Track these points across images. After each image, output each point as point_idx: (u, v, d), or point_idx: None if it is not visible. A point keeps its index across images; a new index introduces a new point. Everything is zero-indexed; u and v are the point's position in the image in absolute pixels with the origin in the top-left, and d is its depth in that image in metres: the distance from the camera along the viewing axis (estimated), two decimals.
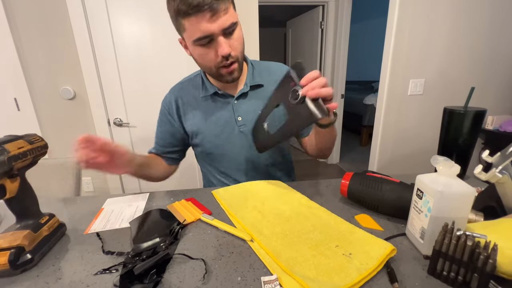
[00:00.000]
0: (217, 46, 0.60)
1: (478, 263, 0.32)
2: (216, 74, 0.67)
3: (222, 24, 0.58)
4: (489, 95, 1.83)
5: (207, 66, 0.65)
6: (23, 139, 0.43)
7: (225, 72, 0.65)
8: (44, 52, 1.54)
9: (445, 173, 0.39)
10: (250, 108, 0.74)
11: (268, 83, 0.75)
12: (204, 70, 0.73)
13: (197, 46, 0.61)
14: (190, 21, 0.57)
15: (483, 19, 1.66)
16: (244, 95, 0.74)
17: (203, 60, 0.64)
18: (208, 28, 0.57)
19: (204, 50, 0.61)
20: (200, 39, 0.58)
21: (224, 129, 0.74)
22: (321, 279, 0.36)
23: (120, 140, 1.75)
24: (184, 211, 0.56)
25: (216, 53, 0.61)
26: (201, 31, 0.57)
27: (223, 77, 0.67)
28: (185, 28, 0.59)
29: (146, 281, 0.37)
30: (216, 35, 0.58)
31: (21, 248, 0.40)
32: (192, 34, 0.59)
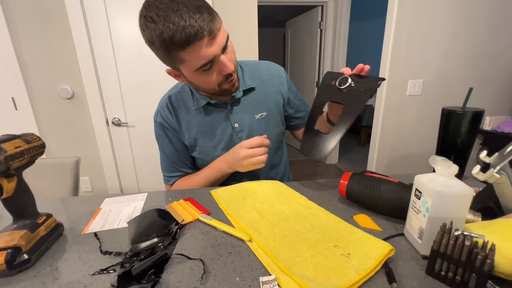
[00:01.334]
0: (220, 66, 0.58)
1: (476, 263, 0.32)
2: (219, 92, 0.64)
3: (221, 44, 0.55)
4: (487, 96, 1.84)
5: (211, 88, 0.63)
6: (20, 138, 0.43)
7: (229, 86, 0.64)
8: (42, 51, 1.53)
9: (443, 173, 0.40)
10: (245, 113, 0.73)
11: (259, 85, 0.74)
12: (206, 92, 0.68)
13: (199, 74, 0.58)
14: (188, 52, 0.52)
15: (481, 21, 1.67)
16: (237, 101, 0.73)
17: (207, 84, 0.62)
18: (210, 52, 0.54)
19: (207, 75, 0.59)
20: (204, 65, 0.55)
21: (221, 139, 0.73)
22: (320, 279, 0.36)
23: (119, 140, 1.75)
24: (182, 211, 0.56)
25: (219, 73, 0.59)
26: (204, 58, 0.54)
27: (227, 91, 0.65)
28: (183, 60, 0.55)
29: (144, 281, 0.37)
30: (218, 56, 0.56)
31: (18, 248, 0.40)
32: (193, 64, 0.55)
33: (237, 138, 0.73)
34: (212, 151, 0.74)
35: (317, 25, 2.73)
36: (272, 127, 0.77)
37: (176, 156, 0.76)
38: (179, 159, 0.76)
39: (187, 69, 0.57)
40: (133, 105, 1.70)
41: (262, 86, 0.75)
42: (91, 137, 1.72)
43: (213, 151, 0.74)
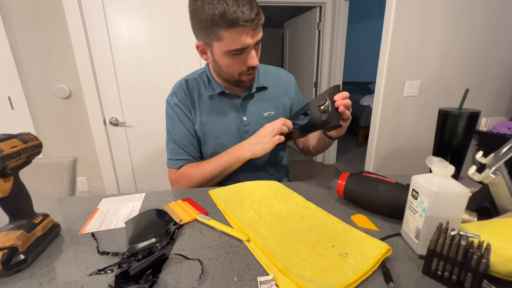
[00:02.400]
0: (247, 57, 0.63)
1: (471, 262, 0.32)
2: (236, 81, 0.69)
3: (257, 38, 0.61)
4: (483, 97, 1.85)
5: (231, 74, 0.67)
6: (16, 138, 0.42)
7: (247, 79, 0.69)
8: (39, 50, 1.52)
9: (440, 173, 0.40)
10: (255, 108, 0.77)
11: (270, 85, 0.79)
12: (224, 77, 0.71)
13: (228, 56, 0.62)
14: (231, 32, 0.57)
15: (478, 22, 1.68)
16: (250, 96, 0.77)
17: (230, 69, 0.66)
18: (248, 41, 0.59)
19: (234, 60, 0.63)
20: (236, 50, 0.60)
21: (229, 128, 0.75)
22: (317, 279, 0.36)
23: (116, 140, 1.74)
24: (180, 211, 0.55)
25: (244, 63, 0.64)
26: (240, 43, 0.59)
27: (243, 83, 0.70)
28: (221, 37, 0.58)
29: (142, 281, 0.37)
30: (250, 48, 0.61)
31: (14, 248, 0.39)
32: (229, 45, 0.59)
33: (244, 131, 0.76)
34: (217, 138, 0.76)
35: (316, 26, 2.74)
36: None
37: (187, 139, 0.75)
38: (189, 142, 0.76)
39: (220, 48, 0.61)
40: (130, 105, 1.69)
41: (273, 88, 0.80)
42: (88, 137, 1.71)
43: (218, 138, 0.76)
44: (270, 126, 0.67)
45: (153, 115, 1.72)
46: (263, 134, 0.67)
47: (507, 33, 1.74)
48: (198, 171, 0.73)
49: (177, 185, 0.77)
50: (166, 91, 1.34)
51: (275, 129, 0.66)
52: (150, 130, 1.75)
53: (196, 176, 0.72)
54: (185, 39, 1.59)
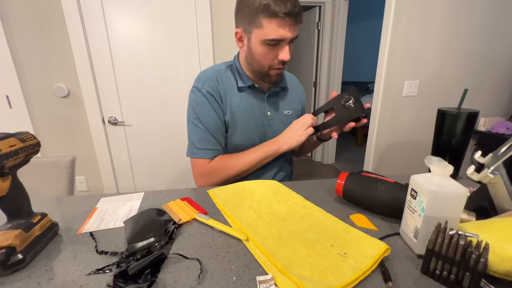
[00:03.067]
0: (280, 51, 0.65)
1: (470, 262, 0.33)
2: (264, 73, 0.72)
3: (295, 34, 0.64)
4: (482, 97, 1.86)
5: (262, 64, 0.69)
6: (14, 137, 0.42)
7: (274, 73, 0.71)
8: (37, 48, 1.51)
9: (439, 173, 0.40)
10: (278, 105, 0.81)
11: (290, 88, 0.85)
12: (255, 67, 0.72)
13: (263, 45, 0.65)
14: (272, 22, 0.60)
15: (477, 22, 1.69)
16: (274, 93, 0.80)
17: (262, 58, 0.68)
18: (285, 34, 0.62)
19: (268, 51, 0.66)
20: (272, 40, 0.63)
21: (256, 121, 0.78)
22: (316, 278, 0.36)
23: (115, 139, 1.74)
24: (179, 210, 0.55)
25: (276, 56, 0.66)
26: (278, 35, 0.62)
27: (270, 77, 0.72)
28: (262, 25, 0.62)
29: (141, 281, 0.37)
30: (285, 42, 0.64)
31: (12, 248, 0.39)
32: (267, 33, 0.62)
33: (267, 125, 0.79)
34: (246, 130, 0.77)
35: (315, 25, 2.73)
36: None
37: (218, 127, 0.74)
38: (220, 131, 0.75)
39: (258, 36, 0.64)
40: (129, 104, 1.69)
41: (292, 90, 0.86)
42: (87, 136, 1.70)
43: (246, 130, 0.77)
44: (301, 120, 0.71)
45: (152, 114, 1.71)
46: (296, 127, 0.71)
47: (505, 33, 1.74)
48: (238, 162, 0.73)
49: (209, 177, 0.74)
50: (165, 90, 1.35)
51: (307, 123, 0.70)
52: (149, 130, 1.74)
53: (235, 167, 0.72)
54: (184, 38, 1.59)
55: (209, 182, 0.74)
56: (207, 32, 1.59)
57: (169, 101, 1.70)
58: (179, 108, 1.72)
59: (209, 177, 0.74)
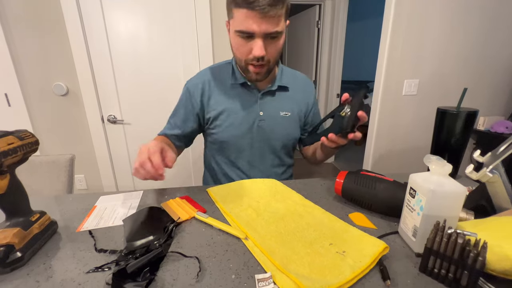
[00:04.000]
0: (253, 45, 0.63)
1: (468, 260, 0.33)
2: (243, 68, 0.70)
3: (265, 29, 0.60)
4: (481, 96, 1.86)
5: (239, 57, 0.68)
6: (13, 135, 0.42)
7: (252, 70, 0.68)
8: (36, 46, 1.50)
9: (438, 172, 0.40)
10: (273, 106, 0.78)
11: (293, 88, 0.80)
12: (236, 61, 0.73)
13: (237, 36, 0.64)
14: (240, 12, 0.59)
15: (476, 23, 1.68)
16: (270, 93, 0.77)
17: (237, 50, 0.67)
18: (252, 27, 0.59)
19: (241, 43, 0.64)
20: (241, 32, 0.61)
21: (244, 119, 0.76)
22: (315, 276, 0.36)
23: (114, 137, 1.73)
24: (178, 209, 0.55)
25: (251, 50, 0.64)
26: (244, 26, 0.60)
27: (249, 73, 0.70)
28: (233, 16, 0.62)
29: (139, 279, 0.37)
30: (257, 35, 0.61)
31: (11, 246, 0.39)
32: (237, 24, 0.62)
33: (258, 125, 0.77)
34: (232, 129, 0.76)
35: (315, 24, 2.73)
36: (292, 128, 0.82)
37: (178, 116, 0.81)
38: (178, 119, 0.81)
39: (232, 25, 0.64)
40: (129, 103, 1.68)
41: (295, 91, 0.81)
42: (86, 134, 1.70)
43: (232, 130, 0.76)
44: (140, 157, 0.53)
45: (151, 113, 1.71)
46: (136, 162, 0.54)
47: (505, 32, 1.74)
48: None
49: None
50: (165, 89, 1.35)
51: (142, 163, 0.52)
52: (148, 128, 1.74)
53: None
54: (184, 36, 1.58)
55: None
56: (207, 30, 1.59)
57: (168, 99, 1.70)
58: None
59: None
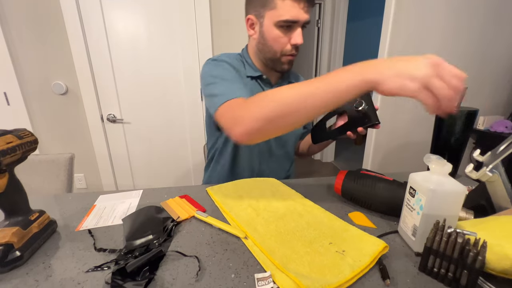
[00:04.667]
0: (294, 34, 0.65)
1: (467, 260, 0.33)
2: (276, 60, 0.70)
3: (308, 17, 0.63)
4: (481, 96, 1.86)
5: (275, 50, 0.68)
6: (12, 134, 0.42)
7: (286, 60, 0.69)
8: (35, 45, 1.50)
9: (437, 171, 0.40)
10: None
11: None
12: (266, 54, 0.70)
13: (276, 28, 0.64)
14: (286, 2, 0.61)
15: (476, 21, 1.68)
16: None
17: (275, 42, 0.66)
18: (299, 15, 0.62)
19: (280, 34, 0.65)
20: (286, 21, 0.62)
21: None
22: (314, 275, 0.36)
23: (114, 136, 1.73)
24: (178, 208, 0.55)
25: (289, 40, 0.66)
26: (291, 15, 0.61)
27: (282, 64, 0.70)
28: (276, 6, 0.62)
29: (139, 278, 0.37)
30: (298, 24, 0.64)
31: (10, 245, 0.39)
32: (281, 14, 0.62)
33: None
34: None
35: (315, 23, 2.72)
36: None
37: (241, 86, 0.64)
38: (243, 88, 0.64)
39: (271, 18, 0.64)
40: (128, 102, 1.68)
41: None
42: (85, 133, 1.69)
43: None
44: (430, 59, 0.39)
45: (150, 112, 1.71)
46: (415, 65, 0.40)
47: (505, 32, 1.74)
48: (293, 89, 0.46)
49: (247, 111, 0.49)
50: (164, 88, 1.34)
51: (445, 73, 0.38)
52: (148, 127, 1.74)
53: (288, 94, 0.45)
54: (184, 36, 1.58)
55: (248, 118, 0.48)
56: (206, 28, 1.58)
57: (168, 98, 1.70)
58: (178, 105, 1.71)
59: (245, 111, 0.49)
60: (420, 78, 0.37)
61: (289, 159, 0.86)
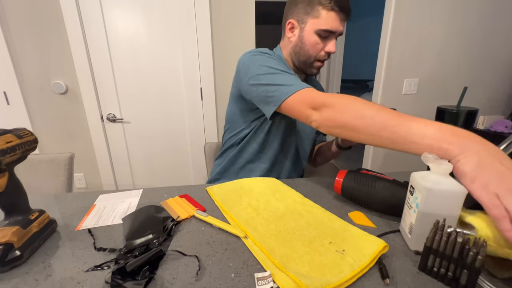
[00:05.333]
0: (329, 43, 0.71)
1: (467, 259, 0.33)
2: (309, 63, 0.75)
3: (343, 29, 0.71)
4: (481, 95, 1.86)
5: (310, 54, 0.73)
6: (11, 133, 0.42)
7: (317, 65, 0.76)
8: (35, 44, 1.50)
9: (438, 171, 0.40)
10: None
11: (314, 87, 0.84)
12: (301, 57, 0.75)
13: (315, 35, 0.70)
14: (330, 14, 0.67)
15: (476, 21, 1.68)
16: None
17: (312, 47, 0.72)
18: (338, 27, 0.69)
19: (318, 41, 0.71)
20: (325, 31, 0.68)
21: None
22: (314, 275, 0.36)
23: (113, 136, 1.73)
24: (178, 207, 0.55)
25: (324, 47, 0.72)
26: (332, 26, 0.68)
27: (313, 68, 0.76)
28: (319, 15, 0.68)
29: (139, 277, 0.37)
30: (335, 35, 0.70)
31: (10, 244, 0.39)
32: (322, 23, 0.68)
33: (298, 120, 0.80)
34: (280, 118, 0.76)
35: None
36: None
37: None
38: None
39: (313, 25, 0.69)
40: (128, 101, 1.68)
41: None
42: (85, 133, 1.69)
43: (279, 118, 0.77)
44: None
45: (151, 111, 1.71)
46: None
47: (505, 31, 1.74)
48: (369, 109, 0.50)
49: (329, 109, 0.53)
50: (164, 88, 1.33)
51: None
52: (148, 127, 1.74)
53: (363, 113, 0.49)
54: (184, 36, 1.58)
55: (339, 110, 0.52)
56: (206, 28, 1.58)
57: (168, 97, 1.70)
58: (178, 104, 1.71)
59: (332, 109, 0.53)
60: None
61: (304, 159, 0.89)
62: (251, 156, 0.81)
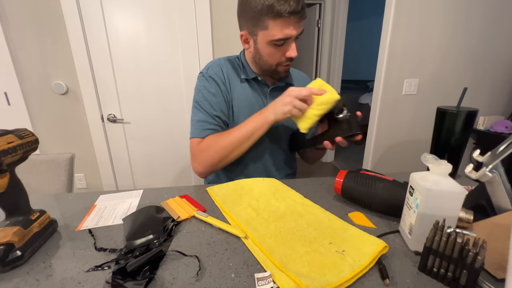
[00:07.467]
0: (287, 48, 0.66)
1: (467, 259, 0.33)
2: (272, 71, 0.72)
3: (300, 31, 0.64)
4: (481, 96, 1.86)
5: (270, 63, 0.70)
6: (12, 133, 0.42)
7: (282, 70, 0.72)
8: (35, 45, 1.50)
9: (437, 171, 0.40)
10: None
11: (296, 85, 0.81)
12: (263, 66, 0.73)
13: (270, 46, 0.65)
14: (277, 22, 0.61)
15: (476, 21, 1.68)
16: (278, 89, 0.78)
17: (270, 58, 0.68)
18: (291, 33, 0.62)
19: (275, 50, 0.66)
20: (279, 40, 0.63)
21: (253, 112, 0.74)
22: (314, 275, 0.36)
23: (114, 136, 1.73)
24: (178, 208, 0.55)
25: (284, 53, 0.67)
26: (283, 34, 0.62)
27: (279, 74, 0.73)
28: (267, 27, 0.62)
29: (139, 278, 0.37)
30: (292, 39, 0.64)
31: (11, 244, 0.39)
32: (273, 34, 0.62)
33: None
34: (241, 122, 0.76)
35: (315, 23, 2.72)
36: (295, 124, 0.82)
37: (219, 108, 0.73)
38: (221, 112, 0.74)
39: (264, 37, 0.64)
40: (128, 102, 1.68)
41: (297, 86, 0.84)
42: (86, 133, 1.70)
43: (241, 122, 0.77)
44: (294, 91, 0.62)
45: (151, 111, 1.71)
46: (282, 98, 0.63)
47: (505, 31, 1.74)
48: (226, 138, 0.68)
49: (199, 157, 0.71)
50: (164, 88, 1.34)
51: (291, 94, 0.61)
52: (148, 127, 1.74)
53: (223, 143, 0.68)
54: (184, 35, 1.58)
55: (199, 163, 0.71)
56: (207, 28, 1.58)
57: (168, 98, 1.70)
58: (178, 105, 1.71)
59: (198, 158, 0.71)
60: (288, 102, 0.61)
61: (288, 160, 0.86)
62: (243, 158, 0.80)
